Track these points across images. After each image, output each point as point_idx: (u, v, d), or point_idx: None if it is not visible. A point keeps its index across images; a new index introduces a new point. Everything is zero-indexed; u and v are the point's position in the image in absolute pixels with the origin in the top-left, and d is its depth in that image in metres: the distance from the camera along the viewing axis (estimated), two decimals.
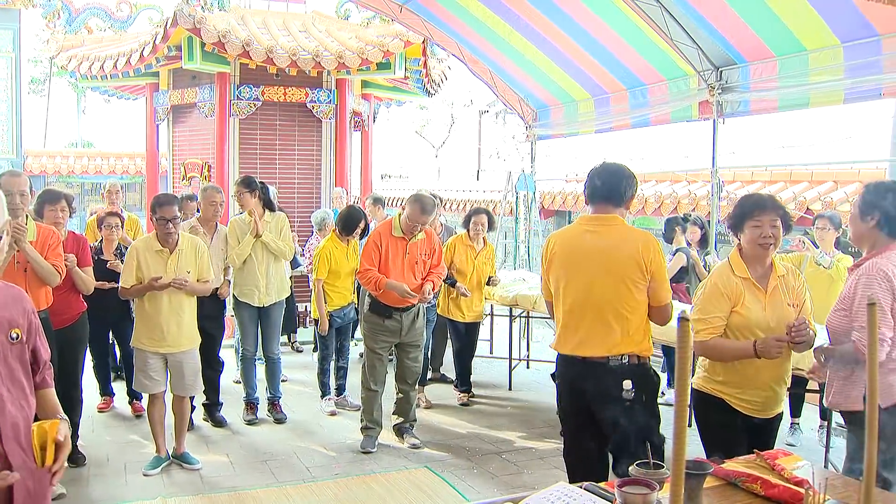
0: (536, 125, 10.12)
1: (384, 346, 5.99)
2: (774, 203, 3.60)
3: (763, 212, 3.52)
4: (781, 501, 2.43)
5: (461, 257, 7.23)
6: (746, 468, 2.68)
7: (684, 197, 9.49)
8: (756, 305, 3.52)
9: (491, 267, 7.44)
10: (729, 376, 3.59)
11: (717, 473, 2.59)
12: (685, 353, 1.00)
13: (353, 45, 10.04)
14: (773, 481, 2.51)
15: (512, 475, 5.56)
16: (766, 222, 3.51)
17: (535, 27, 7.96)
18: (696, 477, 2.24)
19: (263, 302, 6.56)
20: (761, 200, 3.61)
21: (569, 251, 3.81)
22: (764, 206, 3.55)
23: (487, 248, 7.41)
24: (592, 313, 3.69)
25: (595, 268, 3.68)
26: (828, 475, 2.69)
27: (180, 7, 8.97)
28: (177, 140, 11.06)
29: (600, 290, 3.67)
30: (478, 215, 7.30)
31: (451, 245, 7.30)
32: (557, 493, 2.29)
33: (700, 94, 7.38)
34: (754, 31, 6.49)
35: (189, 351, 5.52)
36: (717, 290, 3.56)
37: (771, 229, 3.51)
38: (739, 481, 2.57)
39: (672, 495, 1.03)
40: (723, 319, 3.54)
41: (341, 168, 10.81)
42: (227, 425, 6.54)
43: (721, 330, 3.55)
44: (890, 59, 5.70)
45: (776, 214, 3.54)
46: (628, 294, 3.65)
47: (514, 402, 7.49)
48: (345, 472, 5.55)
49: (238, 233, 6.47)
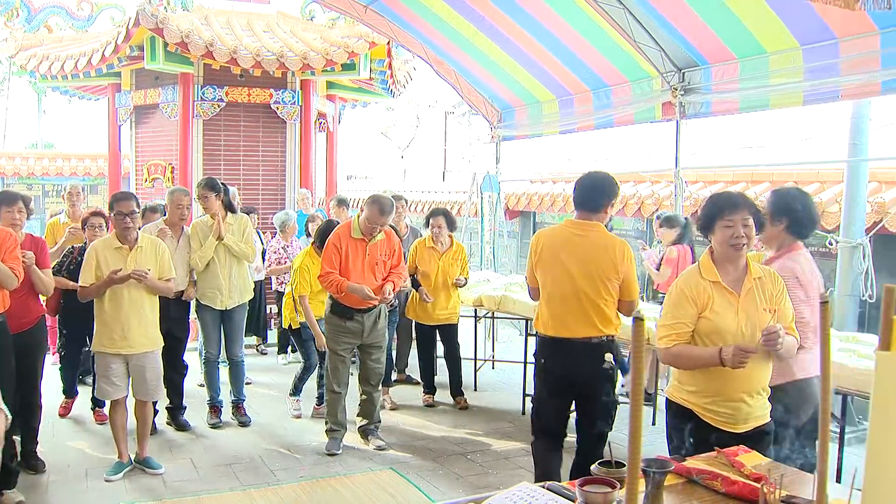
0: (501, 126, 10.15)
1: (346, 347, 5.98)
2: (746, 201, 3.44)
3: (734, 210, 3.35)
4: (741, 498, 2.46)
5: (424, 260, 7.20)
6: (707, 465, 2.70)
7: (648, 197, 9.57)
8: (727, 310, 3.33)
9: (462, 267, 7.35)
10: (699, 386, 3.40)
11: (678, 471, 2.61)
12: (639, 352, 1.01)
13: (318, 45, 10.01)
14: (732, 478, 2.54)
15: (477, 475, 5.56)
16: (738, 221, 3.34)
17: (499, 28, 7.99)
18: (657, 474, 2.26)
19: (226, 305, 6.51)
20: (732, 198, 3.45)
21: (556, 250, 4.42)
22: (735, 204, 3.38)
23: (455, 248, 7.33)
24: (574, 304, 4.33)
25: (578, 267, 4.31)
26: (784, 471, 2.72)
27: (143, 7, 8.87)
28: (139, 141, 10.95)
29: (581, 285, 4.30)
30: (435, 217, 7.25)
31: (414, 250, 7.28)
32: (520, 493, 2.29)
33: (663, 96, 7.45)
34: (716, 33, 6.57)
35: (151, 353, 5.44)
36: (682, 295, 3.40)
37: (743, 228, 3.34)
38: (700, 478, 2.60)
39: (627, 493, 1.04)
40: (688, 325, 3.37)
41: (306, 169, 10.77)
42: (190, 429, 6.48)
43: (687, 337, 3.38)
44: (847, 62, 5.80)
45: (748, 213, 3.37)
46: (604, 290, 4.29)
47: (480, 402, 7.49)
48: (309, 475, 5.52)
49: (200, 235, 6.41)
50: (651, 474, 2.24)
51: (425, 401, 7.38)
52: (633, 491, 1.05)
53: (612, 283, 4.29)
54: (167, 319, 5.88)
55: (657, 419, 6.93)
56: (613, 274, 4.27)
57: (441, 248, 7.23)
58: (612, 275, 4.27)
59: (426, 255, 7.21)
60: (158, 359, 5.57)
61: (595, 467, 2.30)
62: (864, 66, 5.70)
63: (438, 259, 7.20)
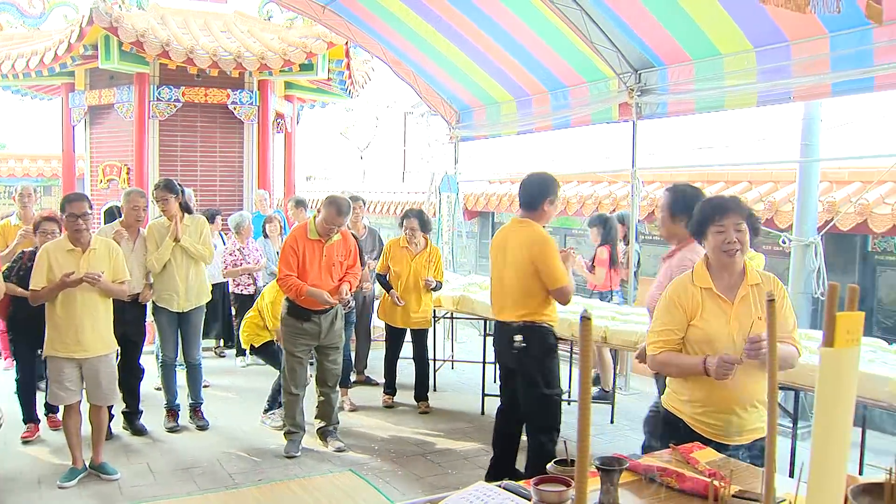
0: (459, 126, 10.17)
1: (303, 349, 5.95)
2: (737, 204, 3.30)
3: (725, 215, 3.20)
4: (695, 493, 2.49)
5: (396, 259, 7.19)
6: (662, 462, 2.73)
7: (605, 197, 9.65)
8: (718, 318, 3.19)
9: (436, 269, 7.31)
10: (690, 395, 3.29)
11: (633, 468, 2.63)
12: (586, 350, 1.02)
13: (276, 45, 9.95)
14: (687, 474, 2.57)
15: (437, 476, 5.57)
16: (730, 226, 3.20)
17: (457, 29, 8.00)
18: (612, 472, 2.28)
19: (183, 307, 6.43)
20: (723, 203, 3.30)
21: (497, 245, 5.02)
22: (726, 208, 3.24)
23: (430, 250, 7.31)
24: (500, 290, 4.95)
25: (507, 258, 4.88)
26: (734, 466, 2.76)
27: (96, 5, 8.75)
28: (94, 142, 10.80)
29: (506, 274, 4.87)
30: (408, 219, 7.23)
31: (388, 248, 7.28)
32: (476, 492, 2.30)
33: (619, 97, 7.52)
34: (671, 34, 6.65)
35: (105, 357, 5.36)
36: (671, 302, 3.30)
37: (735, 234, 3.20)
38: (656, 475, 2.62)
39: (577, 492, 1.05)
40: (676, 333, 3.27)
41: (264, 170, 10.70)
42: (147, 433, 6.40)
43: (674, 344, 3.28)
44: (798, 64, 5.90)
45: (740, 217, 3.23)
46: (525, 279, 4.78)
47: (439, 403, 7.49)
48: (268, 478, 5.48)
49: (157, 237, 6.33)
50: (607, 471, 2.27)
51: (385, 401, 7.37)
52: (581, 490, 1.06)
53: (530, 273, 4.73)
54: (123, 322, 5.81)
55: (615, 418, 7.00)
56: (530, 265, 4.72)
57: (415, 249, 7.21)
58: (528, 266, 4.72)
59: (399, 254, 7.20)
60: (113, 362, 5.49)
61: (551, 465, 2.31)
62: (814, 69, 5.80)
63: (411, 260, 7.18)
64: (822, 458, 1.35)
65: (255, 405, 7.02)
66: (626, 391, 7.95)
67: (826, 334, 1.31)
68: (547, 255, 4.72)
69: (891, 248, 7.05)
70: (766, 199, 7.86)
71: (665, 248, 8.66)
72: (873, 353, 4.80)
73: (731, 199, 3.36)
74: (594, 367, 7.47)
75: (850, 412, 1.40)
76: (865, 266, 7.24)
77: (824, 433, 1.35)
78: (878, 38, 5.27)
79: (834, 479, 1.36)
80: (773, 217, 7.65)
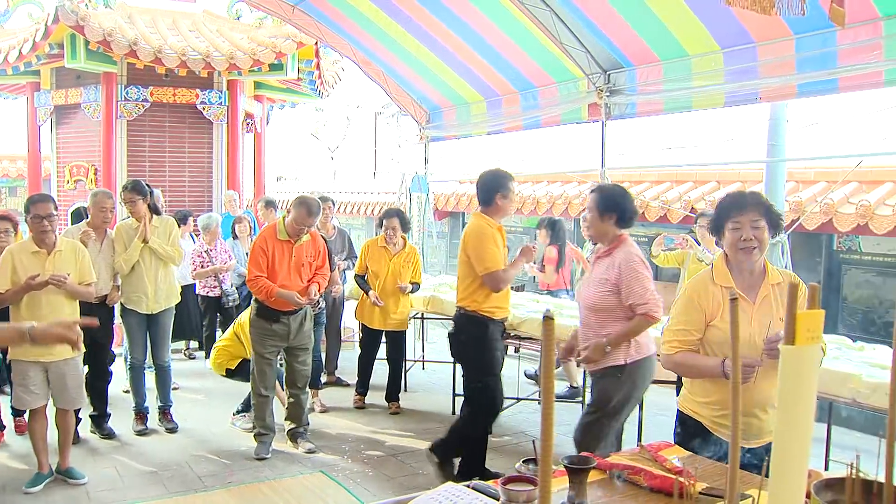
0: (429, 127, 10.16)
1: (273, 350, 5.93)
2: (756, 200, 3.18)
3: (742, 212, 3.09)
4: (663, 491, 2.51)
5: (375, 259, 7.13)
6: (630, 461, 2.75)
7: (575, 197, 9.71)
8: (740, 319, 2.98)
9: (415, 270, 7.25)
10: (709, 397, 3.19)
11: (601, 467, 2.65)
12: (548, 349, 1.02)
13: (245, 45, 9.90)
14: (655, 472, 2.59)
15: (407, 476, 5.57)
16: (746, 223, 3.08)
17: (427, 30, 8.00)
18: (580, 471, 2.29)
19: (152, 309, 6.37)
20: (739, 199, 3.18)
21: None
22: (742, 204, 3.12)
23: (408, 250, 7.24)
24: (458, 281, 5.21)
25: (458, 250, 5.17)
26: (700, 463, 2.79)
27: (62, 3, 8.66)
28: (61, 142, 10.68)
29: (458, 269, 5.18)
30: (389, 218, 7.17)
31: (366, 248, 7.23)
32: (445, 493, 2.31)
33: (589, 97, 7.54)
34: (640, 35, 6.69)
35: (72, 360, 5.28)
36: (690, 302, 3.20)
37: (752, 230, 3.08)
38: (623, 474, 2.64)
39: (540, 491, 1.06)
40: (693, 333, 3.17)
41: (233, 171, 10.64)
42: (115, 437, 6.33)
43: (691, 345, 3.18)
44: (765, 66, 5.96)
45: (757, 213, 3.10)
46: (462, 269, 5.11)
47: (410, 403, 7.49)
48: (238, 480, 5.45)
49: (125, 238, 6.26)
50: (575, 471, 2.28)
51: (356, 402, 7.35)
52: (545, 489, 1.06)
53: (465, 262, 5.05)
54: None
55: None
56: (464, 254, 5.05)
57: (393, 249, 7.15)
58: (463, 255, 5.06)
59: (377, 254, 7.15)
60: (80, 365, 5.43)
61: (519, 465, 2.32)
62: (780, 70, 5.86)
63: (389, 260, 7.11)
64: (783, 453, 1.37)
65: (224, 407, 6.98)
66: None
67: (787, 332, 1.33)
68: (477, 242, 4.98)
69: (855, 246, 7.16)
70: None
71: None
72: (838, 351, 4.88)
73: (750, 194, 3.25)
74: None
75: (811, 409, 1.42)
76: (831, 264, 7.34)
77: (786, 429, 1.37)
78: (841, 41, 5.35)
79: (796, 474, 1.38)
80: None
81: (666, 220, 8.50)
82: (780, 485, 1.38)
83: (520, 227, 11.02)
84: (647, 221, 8.79)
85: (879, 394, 4.14)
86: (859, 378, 4.25)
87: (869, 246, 7.05)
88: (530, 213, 10.48)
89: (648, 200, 8.71)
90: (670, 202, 8.44)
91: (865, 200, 6.71)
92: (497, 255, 4.97)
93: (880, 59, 5.13)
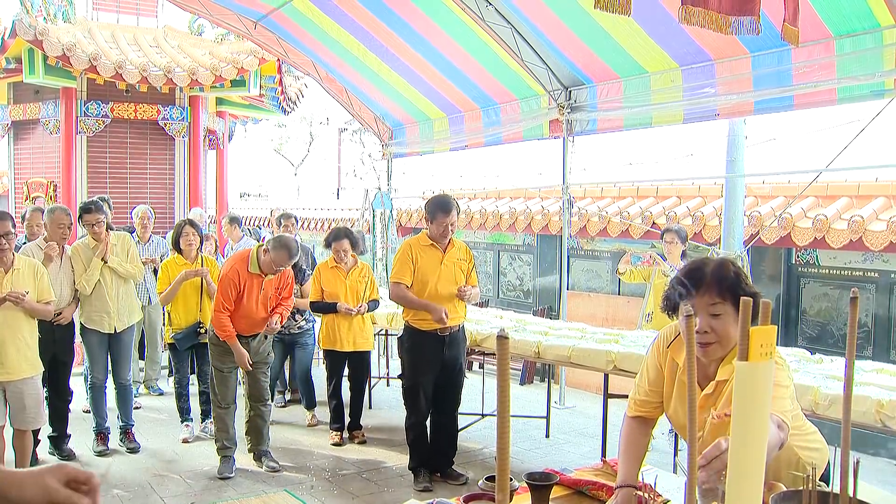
0: (392, 143, 10.19)
1: (231, 366, 5.92)
2: (718, 275, 2.34)
3: (696, 292, 2.34)
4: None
5: (329, 281, 6.76)
6: (593, 476, 2.77)
7: (538, 213, 9.77)
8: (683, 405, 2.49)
9: (370, 286, 6.92)
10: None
11: (564, 482, 2.66)
12: (503, 369, 1.04)
13: (206, 61, 9.86)
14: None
15: (373, 494, 5.55)
16: (701, 308, 2.33)
17: (389, 47, 8.03)
18: (542, 487, 2.31)
19: (115, 327, 6.27)
20: (695, 274, 2.38)
21: None
22: (697, 282, 2.35)
23: (361, 267, 6.90)
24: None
25: None
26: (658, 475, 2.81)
27: (19, 17, 8.57)
28: (19, 158, 10.55)
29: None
30: (338, 241, 6.73)
31: (317, 273, 6.85)
32: None
33: (550, 113, 7.62)
34: (598, 55, 6.78)
35: (30, 379, 5.20)
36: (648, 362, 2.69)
37: (711, 319, 2.33)
38: (586, 489, 2.66)
39: None
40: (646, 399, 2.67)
41: (195, 187, 10.57)
42: (75, 458, 6.22)
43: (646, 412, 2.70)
44: (722, 83, 6.08)
45: (718, 295, 2.32)
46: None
47: (375, 421, 7.46)
48: (202, 501, 5.39)
49: (83, 258, 6.16)
50: (537, 487, 2.30)
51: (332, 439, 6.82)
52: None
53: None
54: (52, 343, 5.67)
55: (551, 432, 7.06)
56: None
57: (345, 267, 6.79)
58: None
59: (330, 275, 6.77)
60: (39, 385, 5.35)
61: (481, 482, 2.34)
62: (738, 87, 5.98)
63: (344, 278, 6.76)
64: (739, 467, 1.40)
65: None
66: (560, 406, 8.02)
67: (741, 349, 1.36)
68: (396, 254, 5.66)
69: (813, 260, 7.29)
70: (695, 214, 8.05)
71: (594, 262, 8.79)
72: (797, 364, 4.94)
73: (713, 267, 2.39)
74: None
75: (765, 423, 1.45)
76: (790, 278, 7.46)
77: (740, 444, 1.40)
78: (795, 59, 5.47)
79: (751, 487, 1.41)
80: (701, 231, 7.85)
81: (628, 235, 8.59)
82: (736, 498, 1.40)
83: (484, 243, 11.05)
84: (610, 237, 8.87)
85: (837, 405, 4.20)
86: (817, 390, 4.31)
87: (826, 259, 7.18)
88: (493, 229, 10.53)
89: (610, 216, 8.79)
90: (632, 217, 8.53)
91: (822, 215, 6.84)
92: (402, 268, 5.45)
93: (833, 77, 5.26)
